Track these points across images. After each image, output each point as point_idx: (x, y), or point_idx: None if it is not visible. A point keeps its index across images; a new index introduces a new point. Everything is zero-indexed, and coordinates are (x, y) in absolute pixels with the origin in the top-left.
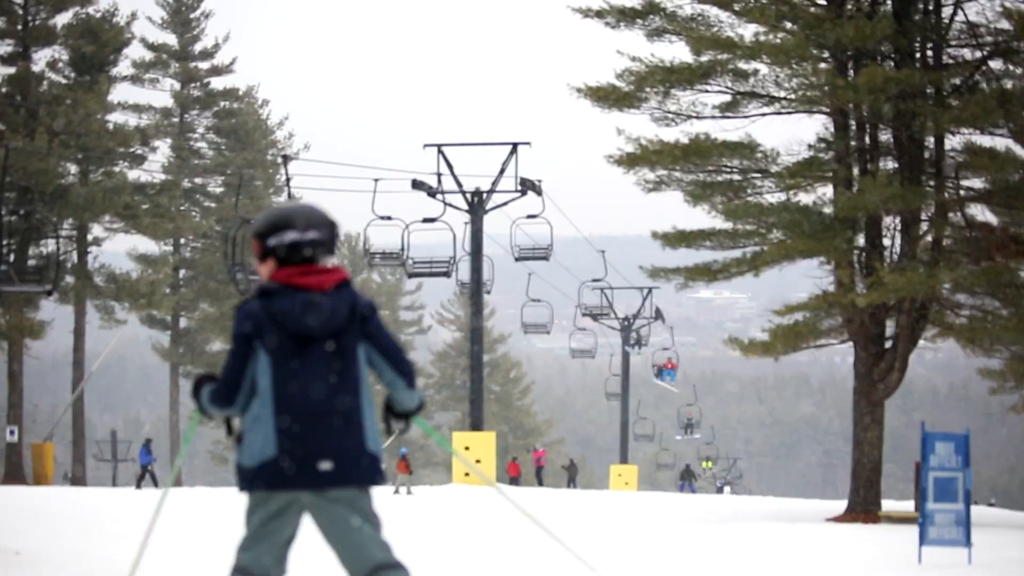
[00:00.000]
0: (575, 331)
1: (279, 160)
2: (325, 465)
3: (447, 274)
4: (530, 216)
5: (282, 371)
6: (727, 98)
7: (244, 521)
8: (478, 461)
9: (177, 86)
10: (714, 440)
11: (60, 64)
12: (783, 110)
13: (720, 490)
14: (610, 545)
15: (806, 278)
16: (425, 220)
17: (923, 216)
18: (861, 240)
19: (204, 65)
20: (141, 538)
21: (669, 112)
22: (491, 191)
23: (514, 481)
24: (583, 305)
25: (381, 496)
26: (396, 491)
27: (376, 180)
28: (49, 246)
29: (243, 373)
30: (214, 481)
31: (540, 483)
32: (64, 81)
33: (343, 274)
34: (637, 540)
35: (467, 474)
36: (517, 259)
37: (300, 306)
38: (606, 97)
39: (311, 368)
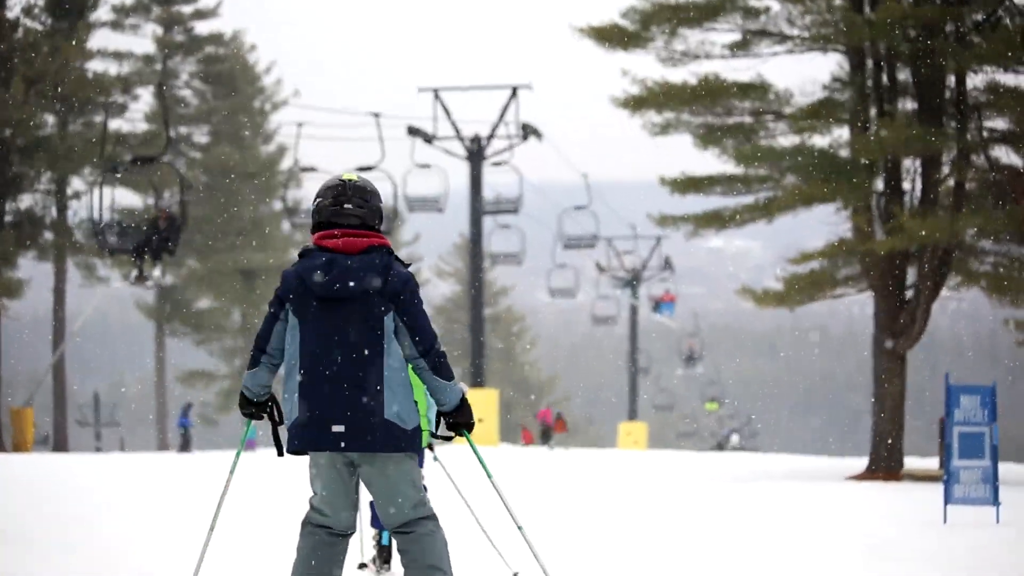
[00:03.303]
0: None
1: (154, 93)
2: (337, 428)
3: (440, 209)
4: (496, 164)
5: (306, 333)
6: (737, 37)
7: (310, 480)
8: (480, 420)
9: (159, 31)
10: (719, 379)
11: (36, 10)
12: (796, 49)
13: (727, 438)
14: (624, 506)
15: (822, 225)
16: (420, 166)
17: (944, 159)
18: (879, 184)
19: (187, 9)
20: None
21: (676, 52)
22: (490, 136)
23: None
24: (565, 236)
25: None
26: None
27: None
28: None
29: (269, 334)
30: (202, 444)
31: (545, 443)
32: (40, 28)
33: (376, 241)
34: (650, 501)
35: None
36: (482, 213)
37: (322, 266)
38: (610, 37)
39: (333, 331)
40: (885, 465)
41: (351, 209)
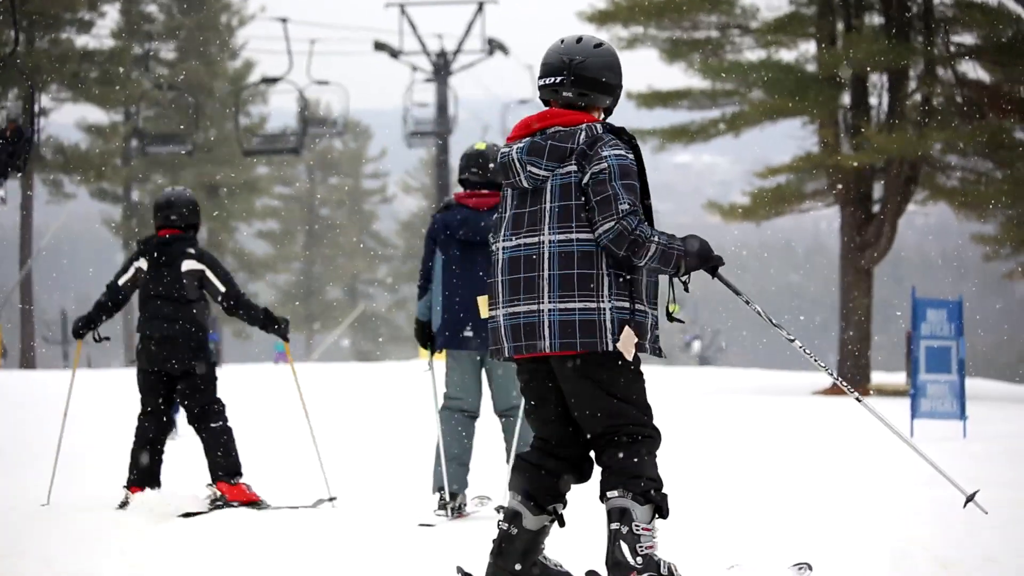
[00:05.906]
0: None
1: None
2: (467, 333)
3: (440, 141)
4: (428, 81)
5: (447, 265)
6: None
7: (446, 373)
8: None
9: None
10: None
11: None
12: None
13: (689, 344)
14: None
15: (789, 140)
16: (419, 104)
17: (911, 73)
18: (846, 99)
19: None
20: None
21: None
22: (456, 52)
23: None
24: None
25: None
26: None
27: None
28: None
29: (429, 269)
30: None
31: None
32: None
33: (497, 200)
34: None
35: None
36: (410, 134)
37: (458, 220)
38: None
39: (466, 265)
40: (852, 380)
41: (474, 173)
